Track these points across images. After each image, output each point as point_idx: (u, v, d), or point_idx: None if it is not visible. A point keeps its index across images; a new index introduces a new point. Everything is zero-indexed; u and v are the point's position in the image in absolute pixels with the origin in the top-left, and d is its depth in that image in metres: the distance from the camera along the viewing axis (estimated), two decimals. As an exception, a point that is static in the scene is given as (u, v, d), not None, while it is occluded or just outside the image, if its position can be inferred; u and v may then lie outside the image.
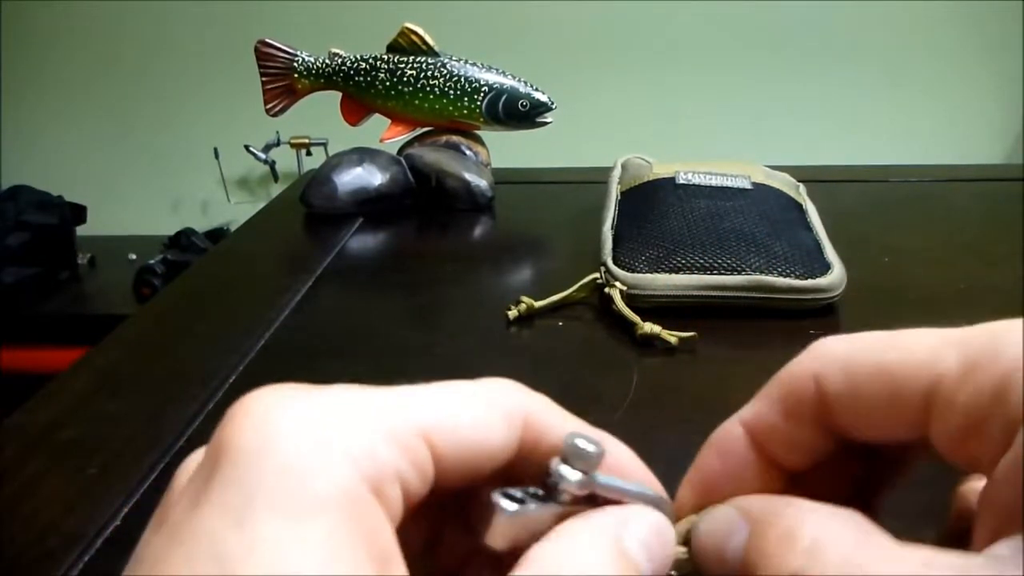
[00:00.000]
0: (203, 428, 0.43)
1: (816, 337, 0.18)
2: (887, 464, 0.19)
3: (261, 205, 0.88)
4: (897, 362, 0.16)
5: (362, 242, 0.71)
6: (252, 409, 0.14)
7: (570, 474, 0.16)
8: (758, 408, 0.19)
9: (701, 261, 0.53)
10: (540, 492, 0.17)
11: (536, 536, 0.16)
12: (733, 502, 0.18)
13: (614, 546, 0.16)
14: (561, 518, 0.16)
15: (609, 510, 0.17)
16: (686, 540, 0.18)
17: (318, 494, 0.13)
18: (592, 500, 0.17)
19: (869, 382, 0.17)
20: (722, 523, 0.17)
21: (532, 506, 0.16)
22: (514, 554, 0.16)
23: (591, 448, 0.16)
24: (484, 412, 0.16)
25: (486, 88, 0.76)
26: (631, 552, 0.16)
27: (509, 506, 0.16)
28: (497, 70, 0.77)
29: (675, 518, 0.19)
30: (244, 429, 0.14)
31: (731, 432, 0.19)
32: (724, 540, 0.17)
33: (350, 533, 0.13)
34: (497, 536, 0.16)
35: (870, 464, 0.19)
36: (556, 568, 0.15)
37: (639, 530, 0.16)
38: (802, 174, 0.69)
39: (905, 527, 0.16)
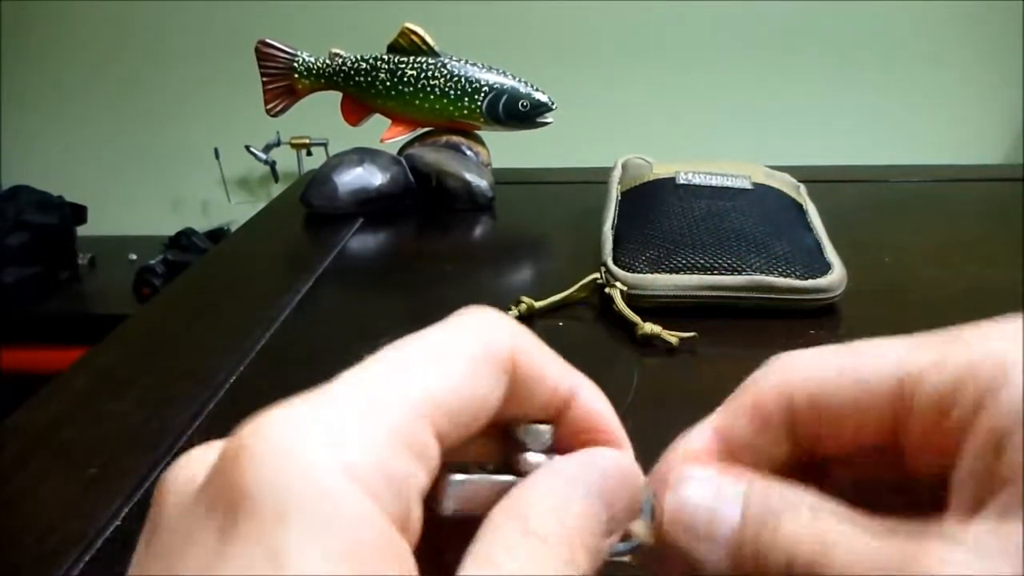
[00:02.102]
0: (203, 428, 0.43)
1: (816, 337, 0.19)
2: (851, 483, 0.19)
3: (261, 205, 0.88)
4: (863, 364, 0.17)
5: (362, 242, 0.71)
6: (259, 449, 0.13)
7: (532, 456, 0.18)
8: (726, 418, 0.19)
9: (701, 261, 0.53)
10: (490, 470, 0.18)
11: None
12: (711, 474, 0.18)
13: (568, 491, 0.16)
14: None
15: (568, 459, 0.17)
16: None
17: (347, 542, 0.13)
18: None
19: (836, 386, 0.17)
20: (708, 497, 0.17)
21: (480, 477, 0.17)
22: None
23: (545, 432, 0.18)
24: (478, 372, 0.16)
25: (486, 88, 0.76)
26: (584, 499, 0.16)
27: (456, 476, 0.17)
28: (497, 70, 0.77)
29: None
30: (256, 473, 0.13)
31: (702, 439, 0.19)
32: (709, 517, 0.17)
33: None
34: (448, 501, 0.17)
35: (834, 481, 0.19)
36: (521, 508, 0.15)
37: (599, 469, 0.17)
38: (802, 174, 0.69)
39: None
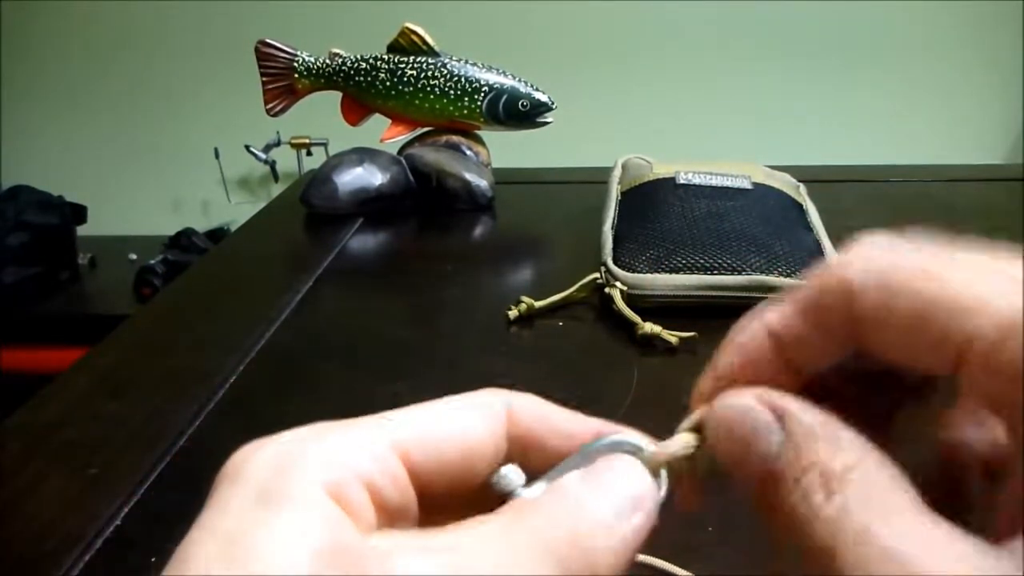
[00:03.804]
0: (203, 428, 0.43)
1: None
2: (909, 390, 0.18)
3: (261, 205, 0.87)
4: (933, 303, 0.15)
5: (362, 242, 0.71)
6: (243, 448, 0.16)
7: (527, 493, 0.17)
8: (784, 311, 0.18)
9: (701, 261, 0.53)
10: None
11: None
12: (756, 395, 0.17)
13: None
14: None
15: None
16: (697, 428, 0.18)
17: (273, 495, 0.15)
18: None
19: (903, 313, 0.15)
20: (747, 419, 0.16)
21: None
22: None
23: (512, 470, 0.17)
24: (459, 415, 0.18)
25: (486, 88, 0.76)
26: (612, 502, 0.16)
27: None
28: (497, 70, 0.77)
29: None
30: (229, 463, 0.16)
31: (753, 331, 0.18)
32: (750, 439, 0.16)
33: (299, 528, 0.14)
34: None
35: (890, 385, 0.18)
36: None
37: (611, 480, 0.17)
38: (802, 174, 0.69)
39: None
